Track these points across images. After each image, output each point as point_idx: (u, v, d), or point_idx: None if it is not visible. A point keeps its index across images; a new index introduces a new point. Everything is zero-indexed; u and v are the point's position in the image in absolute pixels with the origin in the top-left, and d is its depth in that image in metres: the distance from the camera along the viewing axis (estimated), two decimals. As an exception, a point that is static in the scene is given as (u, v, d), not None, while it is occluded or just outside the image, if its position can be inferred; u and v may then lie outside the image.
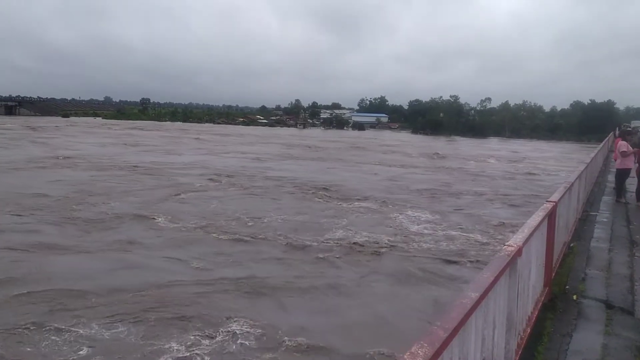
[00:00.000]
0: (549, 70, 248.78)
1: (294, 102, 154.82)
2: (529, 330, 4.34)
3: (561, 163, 41.17)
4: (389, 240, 13.66)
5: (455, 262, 11.96)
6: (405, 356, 1.82)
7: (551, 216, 5.35)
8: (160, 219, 15.22)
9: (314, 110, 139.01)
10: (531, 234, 4.06)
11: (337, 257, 11.98)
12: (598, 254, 7.80)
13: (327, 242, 13.23)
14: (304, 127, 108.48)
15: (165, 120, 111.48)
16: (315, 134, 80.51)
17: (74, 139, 47.60)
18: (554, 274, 6.05)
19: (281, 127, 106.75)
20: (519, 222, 15.67)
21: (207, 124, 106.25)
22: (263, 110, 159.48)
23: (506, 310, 3.40)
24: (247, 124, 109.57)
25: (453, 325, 2.13)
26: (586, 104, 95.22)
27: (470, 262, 12.00)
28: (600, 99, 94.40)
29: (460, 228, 15.50)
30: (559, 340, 4.47)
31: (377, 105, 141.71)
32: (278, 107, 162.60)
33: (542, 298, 5.21)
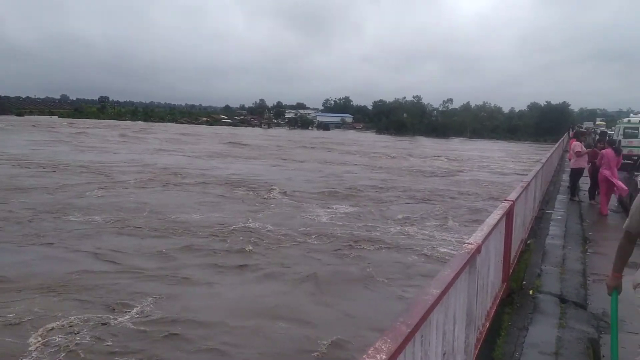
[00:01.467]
0: (510, 72, 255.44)
1: (258, 101, 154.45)
2: (487, 324, 4.50)
3: (497, 162, 42.19)
4: (291, 231, 13.95)
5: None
6: (370, 351, 1.89)
7: (509, 215, 5.55)
8: (76, 213, 15.29)
9: (279, 110, 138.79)
10: (490, 232, 4.21)
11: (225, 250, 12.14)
12: (553, 250, 8.11)
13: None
14: (269, 127, 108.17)
15: (126, 119, 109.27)
16: (280, 134, 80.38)
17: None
18: (511, 270, 6.27)
19: (245, 126, 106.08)
20: (416, 217, 16.34)
21: (169, 124, 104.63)
22: (227, 110, 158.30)
23: (466, 306, 3.53)
24: (211, 124, 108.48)
25: (415, 321, 2.22)
26: (543, 105, 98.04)
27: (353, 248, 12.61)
28: (556, 100, 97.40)
29: (367, 222, 15.82)
30: (516, 334, 4.65)
31: (342, 106, 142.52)
32: (242, 107, 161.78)
33: (501, 293, 5.40)
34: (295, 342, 7.41)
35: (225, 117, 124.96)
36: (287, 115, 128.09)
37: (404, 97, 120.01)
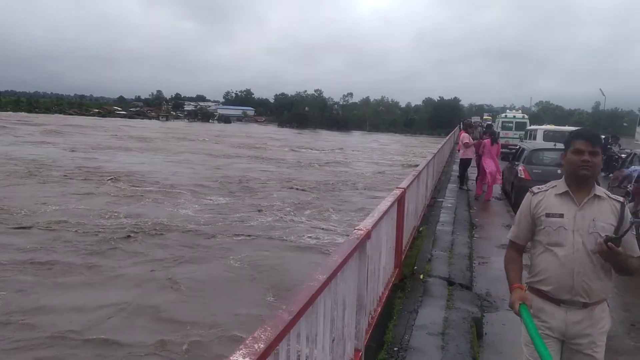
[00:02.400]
0: (407, 68, 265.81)
1: (155, 93, 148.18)
2: (379, 309, 4.58)
3: (366, 154, 43.33)
4: (154, 224, 13.51)
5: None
6: (247, 341, 1.79)
7: (400, 202, 5.69)
8: None
9: (178, 102, 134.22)
10: (380, 218, 4.27)
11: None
12: (443, 236, 8.50)
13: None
14: (167, 120, 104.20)
15: (7, 110, 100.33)
16: (178, 127, 77.72)
17: None
18: (404, 256, 6.46)
19: (142, 119, 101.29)
20: (296, 207, 16.55)
21: (55, 115, 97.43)
22: (121, 101, 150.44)
23: (356, 292, 3.53)
24: (103, 116, 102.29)
25: (298, 308, 2.15)
26: (436, 100, 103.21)
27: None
28: (449, 96, 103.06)
29: (240, 213, 15.74)
30: (406, 317, 4.78)
31: (243, 98, 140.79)
32: (138, 98, 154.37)
33: (393, 279, 5.53)
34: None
35: (120, 108, 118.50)
36: (186, 108, 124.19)
37: (305, 91, 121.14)
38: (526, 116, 32.25)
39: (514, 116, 31.62)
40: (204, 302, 8.58)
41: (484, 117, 61.79)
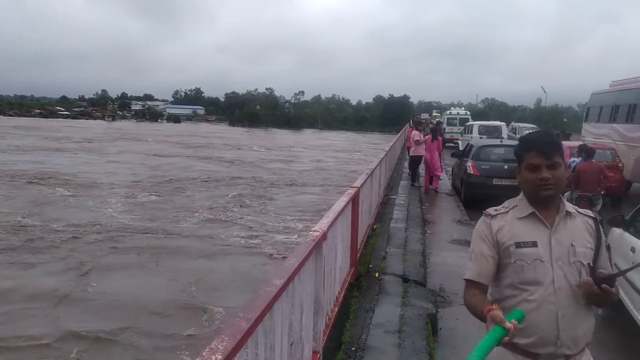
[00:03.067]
0: (358, 66, 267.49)
1: (100, 92, 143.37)
2: (336, 309, 4.58)
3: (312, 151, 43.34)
4: (72, 226, 12.98)
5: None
6: (204, 353, 1.73)
7: (354, 201, 5.72)
8: None
9: (124, 101, 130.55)
10: (336, 219, 4.27)
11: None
12: (397, 233, 8.61)
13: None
14: (113, 120, 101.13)
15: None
16: (124, 127, 75.47)
17: None
18: (359, 255, 6.49)
19: (86, 119, 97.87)
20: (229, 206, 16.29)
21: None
22: (64, 101, 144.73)
23: (313, 294, 3.51)
24: (46, 116, 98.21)
25: (256, 315, 2.10)
26: (386, 98, 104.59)
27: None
28: (399, 93, 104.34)
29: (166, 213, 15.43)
30: (363, 315, 4.80)
31: (193, 97, 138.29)
32: (82, 98, 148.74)
33: (349, 278, 5.55)
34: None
35: (62, 108, 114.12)
36: (133, 107, 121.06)
37: (256, 89, 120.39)
38: (468, 113, 36.37)
39: (458, 113, 35.96)
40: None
41: (433, 114, 63.07)
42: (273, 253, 11.12)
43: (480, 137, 20.74)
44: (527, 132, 23.55)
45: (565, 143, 13.08)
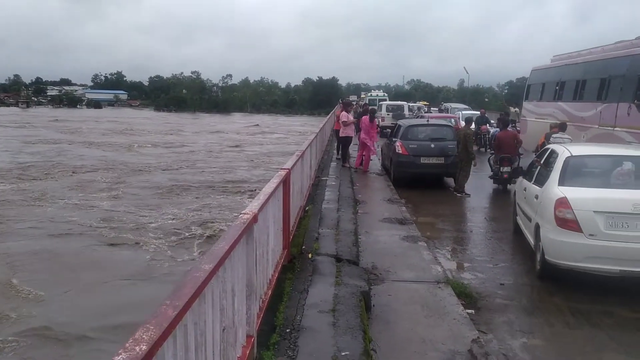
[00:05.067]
0: (287, 47, 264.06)
1: (12, 77, 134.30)
2: (270, 292, 4.53)
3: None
4: None
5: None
6: (127, 344, 1.62)
7: (285, 183, 5.65)
8: None
9: (39, 86, 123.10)
10: (266, 201, 4.19)
11: None
12: (329, 214, 8.65)
13: None
14: (28, 106, 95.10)
15: None
16: (39, 114, 71.13)
17: None
18: (292, 237, 6.46)
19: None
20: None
21: None
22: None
23: (246, 277, 3.44)
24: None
25: (184, 302, 2.01)
26: (315, 80, 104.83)
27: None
28: (329, 75, 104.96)
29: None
30: (297, 297, 4.78)
31: (114, 81, 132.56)
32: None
33: (282, 260, 5.51)
34: None
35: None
36: (50, 93, 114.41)
37: (182, 73, 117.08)
38: (386, 95, 43.51)
39: (377, 95, 41.73)
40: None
41: (362, 96, 63.86)
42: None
43: (387, 114, 28.19)
44: (460, 112, 24.46)
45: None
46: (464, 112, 25.12)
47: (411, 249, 7.13)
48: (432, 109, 36.23)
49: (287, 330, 4.07)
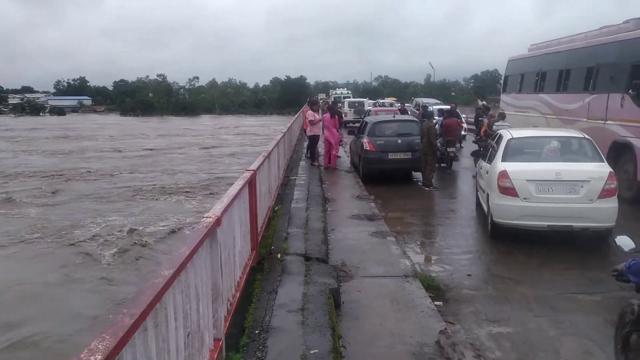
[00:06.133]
0: (255, 48, 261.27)
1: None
2: (238, 294, 4.52)
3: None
4: None
5: None
6: (82, 355, 1.61)
7: (251, 184, 5.64)
8: None
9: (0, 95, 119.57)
10: (230, 203, 4.18)
11: None
12: (298, 213, 8.66)
13: None
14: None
15: None
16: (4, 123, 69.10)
17: None
18: (260, 238, 6.45)
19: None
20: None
21: None
22: None
23: (211, 281, 3.43)
24: None
25: (141, 310, 2.00)
26: (283, 80, 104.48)
27: None
28: (297, 74, 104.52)
29: None
30: (266, 297, 4.78)
31: (77, 87, 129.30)
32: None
33: (250, 262, 5.50)
34: None
35: None
36: (11, 101, 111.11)
37: (147, 76, 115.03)
38: (349, 92, 47.48)
39: (342, 93, 45.56)
40: None
41: (330, 94, 64.03)
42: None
43: (350, 110, 31.52)
44: (431, 108, 24.91)
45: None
46: (435, 106, 25.48)
47: (380, 245, 7.20)
48: (377, 102, 39.37)
49: (256, 332, 4.07)
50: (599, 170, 7.49)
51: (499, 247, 7.71)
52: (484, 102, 30.09)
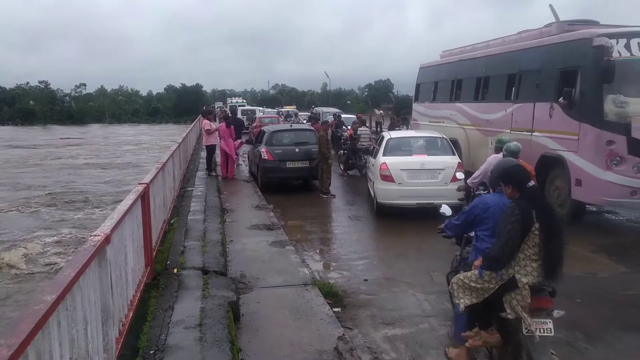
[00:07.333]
0: (149, 54, 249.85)
1: None
2: (131, 314, 4.34)
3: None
4: None
5: None
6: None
7: (144, 198, 5.45)
8: None
9: None
10: (121, 219, 4.02)
11: None
12: (195, 225, 8.47)
13: None
14: None
15: None
16: None
17: None
18: (155, 253, 6.23)
19: None
20: None
21: None
22: None
23: (100, 302, 3.27)
24: None
25: (21, 340, 1.88)
26: (178, 87, 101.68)
27: None
28: (193, 82, 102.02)
29: None
30: (161, 315, 4.63)
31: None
32: None
33: (145, 279, 5.30)
34: None
35: None
36: None
37: (28, 83, 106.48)
38: (244, 101, 53.36)
39: (237, 101, 49.69)
40: None
41: (227, 102, 63.41)
42: None
43: (242, 117, 31.11)
44: (330, 116, 25.27)
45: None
46: (342, 115, 25.91)
47: (279, 254, 7.24)
48: (279, 111, 40.31)
49: (151, 352, 3.92)
50: (451, 161, 10.06)
51: (395, 250, 8.06)
52: (381, 112, 32.02)
